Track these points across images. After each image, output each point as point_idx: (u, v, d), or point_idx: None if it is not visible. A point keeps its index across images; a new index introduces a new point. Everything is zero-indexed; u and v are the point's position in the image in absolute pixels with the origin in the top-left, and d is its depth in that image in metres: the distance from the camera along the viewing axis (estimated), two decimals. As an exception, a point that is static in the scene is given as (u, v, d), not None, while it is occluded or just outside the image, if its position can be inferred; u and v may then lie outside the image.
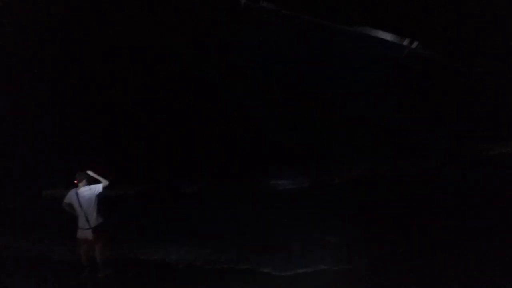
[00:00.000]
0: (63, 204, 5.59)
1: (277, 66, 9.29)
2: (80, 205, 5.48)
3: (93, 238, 5.49)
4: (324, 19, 8.79)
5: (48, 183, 7.95)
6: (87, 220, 5.48)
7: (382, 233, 6.40)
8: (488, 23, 8.61)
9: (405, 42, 8.99)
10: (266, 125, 9.48)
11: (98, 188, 5.53)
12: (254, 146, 9.22)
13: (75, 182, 5.55)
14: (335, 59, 9.26)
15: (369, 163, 9.18)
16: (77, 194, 5.51)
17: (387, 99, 9.24)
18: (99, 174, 5.59)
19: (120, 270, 5.77)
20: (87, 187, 5.54)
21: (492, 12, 8.32)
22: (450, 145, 9.07)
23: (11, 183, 8.14)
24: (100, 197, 5.58)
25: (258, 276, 5.76)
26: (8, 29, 8.21)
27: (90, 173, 5.60)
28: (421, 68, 9.11)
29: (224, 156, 9.12)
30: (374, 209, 7.33)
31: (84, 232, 5.50)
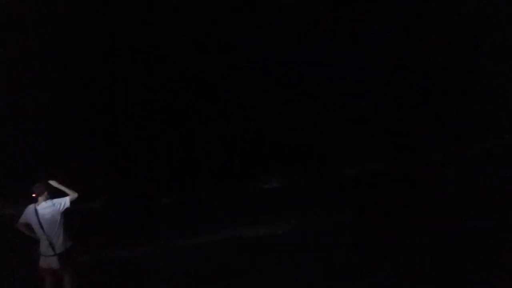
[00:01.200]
0: (18, 224, 4.31)
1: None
2: (41, 226, 4.20)
3: (60, 267, 4.23)
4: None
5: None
6: (51, 245, 4.21)
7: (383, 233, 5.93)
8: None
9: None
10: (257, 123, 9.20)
11: (64, 202, 4.25)
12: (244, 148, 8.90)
13: (33, 195, 4.26)
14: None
15: (368, 161, 9.00)
16: (36, 211, 4.22)
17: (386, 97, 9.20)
18: (64, 184, 4.31)
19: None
20: (49, 202, 4.25)
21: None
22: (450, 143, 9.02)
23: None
24: (67, 214, 4.31)
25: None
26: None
27: (53, 183, 4.32)
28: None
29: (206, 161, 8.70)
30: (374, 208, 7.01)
31: (48, 260, 4.23)
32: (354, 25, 9.48)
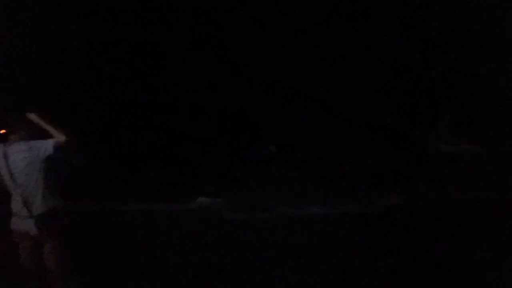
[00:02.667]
0: None
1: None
2: (12, 176, 2.95)
3: (40, 234, 3.04)
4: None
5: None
6: (26, 204, 2.98)
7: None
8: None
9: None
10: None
11: (45, 147, 2.98)
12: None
13: (1, 132, 2.98)
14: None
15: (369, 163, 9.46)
16: (5, 155, 2.96)
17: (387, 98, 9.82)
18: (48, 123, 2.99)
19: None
20: (24, 145, 2.97)
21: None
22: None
23: None
24: (52, 162, 3.04)
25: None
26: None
27: (33, 117, 3.00)
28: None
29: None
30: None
31: (22, 223, 3.04)
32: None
